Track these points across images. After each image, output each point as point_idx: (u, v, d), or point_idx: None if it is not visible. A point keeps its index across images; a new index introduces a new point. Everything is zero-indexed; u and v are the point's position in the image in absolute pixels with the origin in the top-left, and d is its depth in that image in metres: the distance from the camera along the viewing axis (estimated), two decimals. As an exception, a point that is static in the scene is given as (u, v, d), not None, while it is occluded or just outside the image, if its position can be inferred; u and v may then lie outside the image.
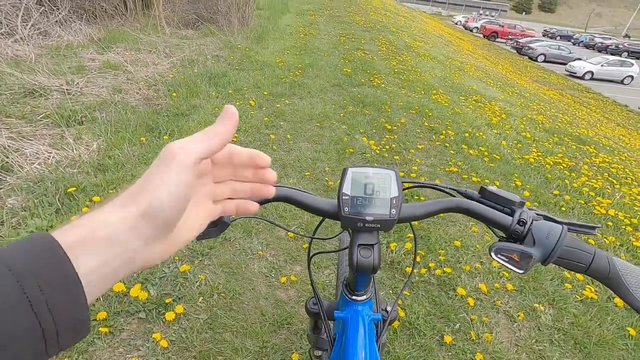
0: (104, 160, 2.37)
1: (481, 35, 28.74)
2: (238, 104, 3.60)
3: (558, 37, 40.84)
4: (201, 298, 1.61)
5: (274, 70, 4.76)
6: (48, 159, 2.30)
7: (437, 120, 3.99)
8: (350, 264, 0.51)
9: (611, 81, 18.23)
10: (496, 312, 1.76)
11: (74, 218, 0.23)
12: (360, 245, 0.49)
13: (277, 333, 1.52)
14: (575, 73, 18.07)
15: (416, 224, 2.22)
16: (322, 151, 2.95)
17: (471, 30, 31.32)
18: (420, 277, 1.87)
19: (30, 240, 0.22)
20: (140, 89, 3.50)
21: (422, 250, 2.04)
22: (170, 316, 1.48)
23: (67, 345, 0.22)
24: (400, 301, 1.72)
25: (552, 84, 13.57)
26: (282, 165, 2.70)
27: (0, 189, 1.97)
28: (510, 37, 27.53)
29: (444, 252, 2.05)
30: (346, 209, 0.46)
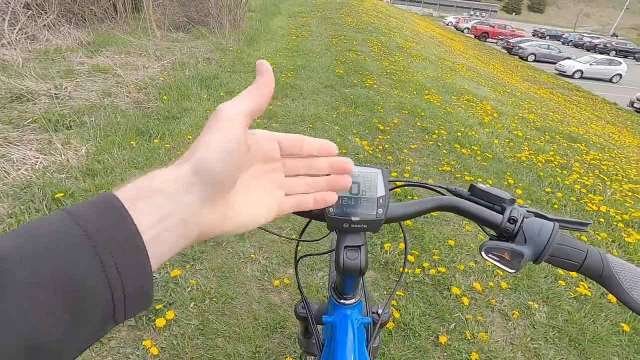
0: (92, 164, 2.34)
1: (472, 36, 28.97)
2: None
3: (547, 37, 41.37)
4: (193, 303, 1.58)
5: (266, 72, 4.74)
6: (35, 164, 2.26)
7: (429, 120, 4.00)
8: (336, 267, 0.49)
9: (600, 79, 18.46)
10: (491, 311, 1.75)
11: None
12: (346, 247, 0.48)
13: (270, 337, 1.49)
14: (565, 72, 18.28)
15: (409, 224, 2.21)
16: (315, 152, 2.93)
17: (462, 31, 31.55)
18: (414, 277, 1.86)
19: (97, 201, 0.22)
20: (130, 92, 3.46)
21: (416, 250, 2.03)
22: (160, 323, 1.45)
23: (133, 312, 0.22)
24: (394, 302, 1.71)
25: (543, 83, 13.71)
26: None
27: (-15, 195, 1.93)
28: (500, 37, 27.77)
29: (438, 251, 2.04)
30: (331, 210, 0.45)
